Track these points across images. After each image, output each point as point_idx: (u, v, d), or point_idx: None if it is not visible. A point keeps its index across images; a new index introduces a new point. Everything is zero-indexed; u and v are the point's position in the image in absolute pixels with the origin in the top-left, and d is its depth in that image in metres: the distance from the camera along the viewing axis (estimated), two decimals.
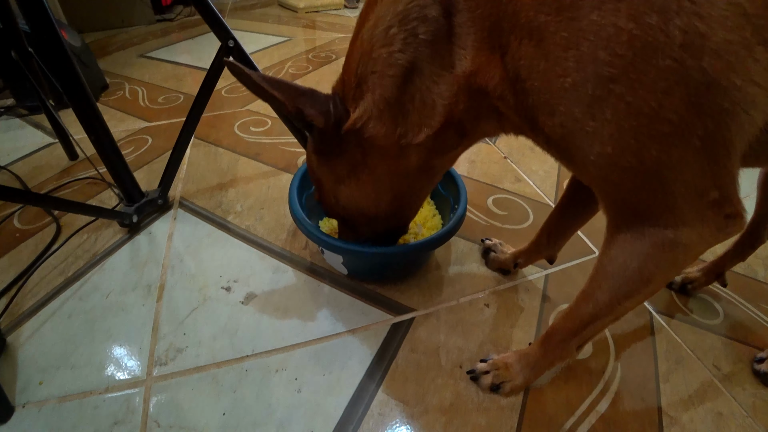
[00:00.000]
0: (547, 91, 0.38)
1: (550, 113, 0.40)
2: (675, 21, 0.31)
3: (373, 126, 0.51)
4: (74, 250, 0.88)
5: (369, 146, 0.53)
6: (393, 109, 0.49)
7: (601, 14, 0.33)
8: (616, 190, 0.42)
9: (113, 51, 2.06)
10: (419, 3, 0.43)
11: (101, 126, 0.82)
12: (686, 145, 0.36)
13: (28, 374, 0.67)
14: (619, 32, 0.33)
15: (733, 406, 0.65)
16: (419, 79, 0.46)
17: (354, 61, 0.49)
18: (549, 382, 0.67)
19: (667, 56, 0.32)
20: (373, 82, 0.48)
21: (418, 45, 0.44)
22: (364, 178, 0.58)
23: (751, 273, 0.89)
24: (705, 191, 0.39)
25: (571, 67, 0.36)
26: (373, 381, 0.66)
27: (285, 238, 0.92)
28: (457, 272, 0.85)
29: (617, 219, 0.46)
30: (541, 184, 1.12)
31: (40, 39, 0.71)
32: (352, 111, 0.52)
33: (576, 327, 0.56)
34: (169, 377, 0.67)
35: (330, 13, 2.78)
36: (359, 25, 0.49)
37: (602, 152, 0.38)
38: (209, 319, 0.75)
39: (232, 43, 0.83)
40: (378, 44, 0.46)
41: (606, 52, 0.34)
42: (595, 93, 0.36)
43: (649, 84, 0.33)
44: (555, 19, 0.35)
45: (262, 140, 1.28)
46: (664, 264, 0.44)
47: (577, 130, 0.38)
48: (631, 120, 0.35)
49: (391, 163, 0.55)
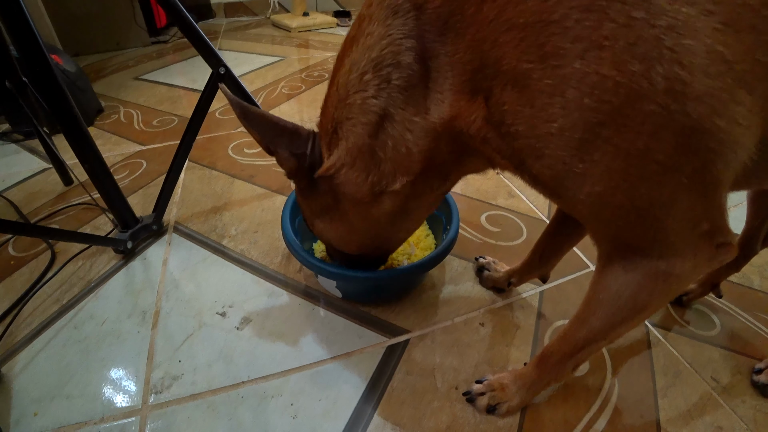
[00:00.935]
0: (533, 136, 0.38)
1: (537, 156, 0.39)
2: (657, 68, 0.32)
3: (345, 174, 0.51)
4: (69, 277, 0.88)
5: (341, 192, 0.54)
6: (365, 158, 0.49)
7: (585, 62, 0.33)
8: (607, 226, 0.42)
9: (108, 74, 2.07)
10: (393, 50, 0.42)
11: (94, 154, 0.82)
12: (675, 183, 0.36)
13: (23, 405, 0.66)
14: (604, 80, 0.33)
15: (733, 420, 0.65)
16: (390, 126, 0.46)
17: (331, 105, 0.49)
18: (546, 401, 0.67)
19: (651, 102, 0.33)
20: (347, 129, 0.48)
21: (392, 91, 0.44)
22: (336, 220, 0.59)
23: (747, 282, 0.89)
24: (696, 224, 0.39)
25: (556, 113, 0.36)
26: (369, 405, 0.66)
27: (279, 261, 0.92)
28: (451, 292, 0.85)
29: (609, 251, 0.46)
30: (534, 199, 1.12)
31: (31, 67, 0.72)
32: (326, 157, 0.51)
33: (571, 350, 0.56)
34: (165, 405, 0.66)
35: (323, 32, 2.81)
36: (335, 70, 0.49)
37: (592, 192, 0.38)
38: (205, 346, 0.75)
39: (223, 69, 0.84)
40: (352, 90, 0.46)
41: (591, 99, 0.34)
42: (583, 137, 0.36)
43: (636, 127, 0.34)
44: (539, 66, 0.35)
45: (256, 162, 1.29)
46: (657, 293, 0.45)
47: (565, 171, 0.38)
48: (620, 161, 0.36)
49: (364, 209, 0.55)
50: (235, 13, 3.25)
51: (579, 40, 0.33)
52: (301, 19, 2.87)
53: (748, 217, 0.73)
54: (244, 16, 3.25)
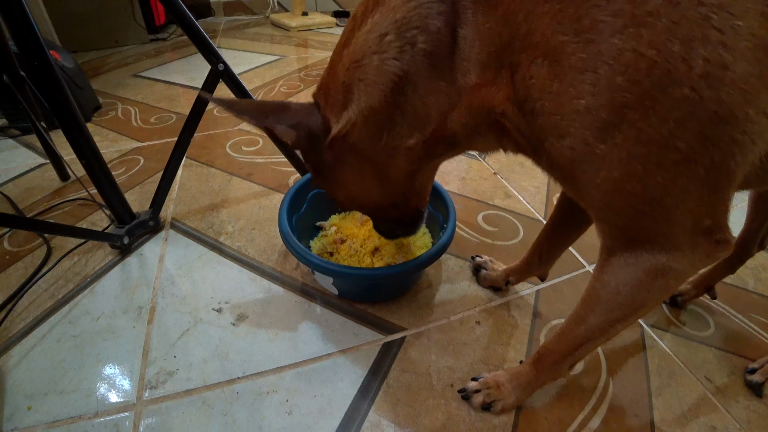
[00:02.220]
0: (558, 113, 0.38)
1: (559, 135, 0.39)
2: (699, 50, 0.31)
3: (357, 133, 0.49)
4: (64, 272, 0.88)
5: (356, 151, 0.52)
6: (380, 118, 0.47)
7: (623, 38, 0.32)
8: (616, 215, 0.42)
9: (106, 71, 2.07)
10: (421, 12, 0.41)
11: (91, 150, 0.82)
12: (691, 174, 0.36)
13: (16, 400, 0.66)
14: (639, 58, 0.32)
15: (726, 420, 0.65)
16: (412, 89, 0.44)
17: (342, 67, 0.47)
18: (540, 400, 0.67)
19: (685, 86, 0.32)
20: (359, 90, 0.46)
21: (415, 55, 0.42)
22: (353, 173, 0.56)
23: (741, 284, 0.90)
24: (700, 219, 0.39)
25: (586, 90, 0.35)
26: (365, 402, 0.66)
27: (276, 258, 0.92)
28: (448, 290, 0.86)
29: (612, 243, 0.46)
30: (531, 199, 1.13)
31: (30, 63, 0.72)
32: (335, 120, 0.50)
33: (568, 349, 0.56)
34: (160, 401, 0.66)
35: (322, 32, 2.81)
36: (351, 30, 0.46)
37: (608, 177, 0.38)
38: (200, 342, 0.75)
39: (222, 66, 0.84)
40: (370, 51, 0.44)
41: (623, 78, 0.33)
42: (609, 118, 0.35)
43: (663, 112, 0.33)
44: (573, 39, 0.34)
45: (254, 160, 1.29)
46: (655, 290, 0.45)
47: (586, 153, 0.38)
48: (641, 147, 0.35)
49: (379, 166, 0.54)
50: (234, 12, 3.25)
51: (620, 14, 0.32)
52: (301, 18, 2.88)
53: (747, 219, 0.73)
54: (243, 15, 3.25)
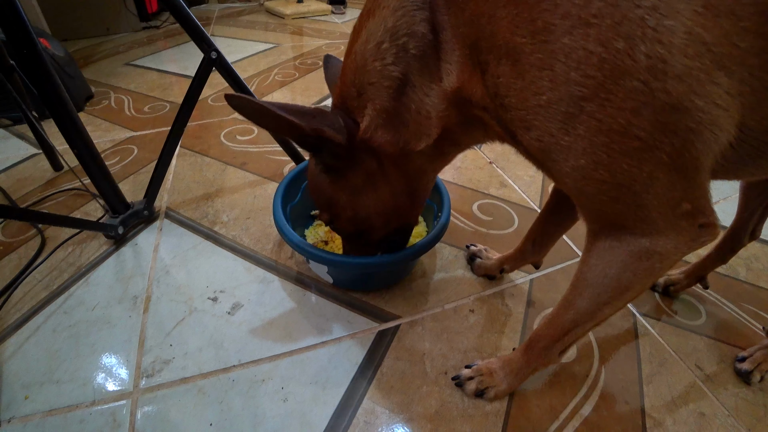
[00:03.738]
0: (524, 108, 0.40)
1: (526, 128, 0.41)
2: (640, 47, 0.33)
3: (380, 134, 0.52)
4: (59, 263, 0.88)
5: (380, 153, 0.55)
6: (393, 119, 0.51)
7: (573, 38, 0.35)
8: (591, 201, 0.43)
9: (98, 59, 2.05)
10: (407, 20, 0.45)
11: (83, 140, 0.81)
12: (655, 160, 0.37)
13: (13, 390, 0.66)
14: (590, 55, 0.35)
15: (715, 406, 0.66)
16: (412, 91, 0.48)
17: (350, 73, 0.51)
18: (533, 387, 0.68)
19: (634, 78, 0.34)
20: (371, 92, 0.50)
21: (409, 59, 0.46)
22: (380, 184, 0.59)
23: (733, 273, 0.90)
24: (677, 203, 0.40)
25: (545, 86, 0.38)
26: (359, 389, 0.67)
27: (271, 247, 0.92)
28: (442, 279, 0.86)
29: (596, 227, 0.47)
30: (526, 189, 1.13)
31: (19, 51, 0.70)
32: (359, 119, 0.53)
33: (558, 334, 0.57)
34: (156, 389, 0.66)
35: (317, 20, 2.78)
36: (352, 42, 0.51)
37: (576, 165, 0.40)
38: (196, 331, 0.75)
39: (214, 55, 0.83)
40: (371, 58, 0.48)
41: (577, 73, 0.36)
42: (569, 110, 0.37)
43: (619, 103, 0.35)
44: (530, 41, 0.37)
45: (249, 149, 1.28)
46: (640, 272, 0.46)
47: (552, 143, 0.40)
48: (602, 136, 0.37)
49: (402, 166, 0.57)
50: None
51: (568, 17, 0.35)
52: (295, 5, 2.85)
53: (739, 210, 0.74)
54: (237, 3, 3.22)
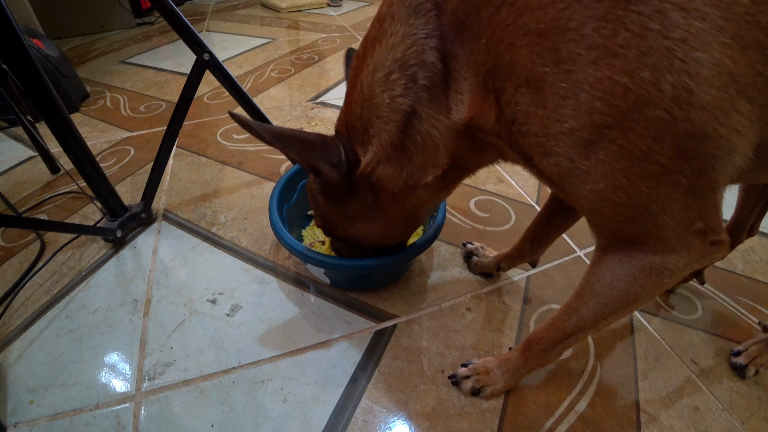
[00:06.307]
0: (544, 135, 0.40)
1: (545, 154, 0.41)
2: (666, 77, 0.33)
3: (382, 169, 0.52)
4: (59, 267, 0.89)
5: (379, 188, 0.55)
6: (398, 152, 0.51)
7: (598, 68, 0.35)
8: (607, 221, 0.44)
9: (93, 58, 2.03)
10: (417, 49, 0.44)
11: (78, 144, 0.81)
12: (674, 183, 0.38)
13: (19, 394, 0.67)
14: (615, 85, 0.35)
15: (710, 400, 0.67)
16: (418, 123, 0.48)
17: (356, 105, 0.50)
18: (529, 383, 0.69)
19: (658, 108, 0.34)
20: (378, 127, 0.49)
21: (418, 90, 0.46)
22: (375, 217, 0.60)
23: (730, 267, 0.91)
24: (691, 222, 0.41)
25: (568, 114, 0.38)
26: (358, 389, 0.68)
27: (269, 248, 0.93)
28: (439, 277, 0.87)
29: (606, 242, 0.48)
30: (523, 184, 1.13)
31: (8, 54, 0.69)
32: (361, 155, 0.53)
33: (558, 337, 0.57)
34: (158, 391, 0.67)
35: (313, 13, 2.76)
36: (356, 70, 0.50)
37: (595, 188, 0.40)
38: (196, 333, 0.76)
39: (207, 56, 0.83)
40: (379, 89, 0.47)
41: (602, 103, 0.36)
42: (591, 137, 0.38)
43: (641, 131, 0.36)
44: (554, 70, 0.37)
45: (245, 148, 1.28)
46: (649, 286, 0.46)
47: (571, 168, 0.40)
48: (623, 161, 0.38)
49: (401, 201, 0.57)
50: None
51: (594, 47, 0.35)
52: None
53: (737, 206, 0.74)
54: None
